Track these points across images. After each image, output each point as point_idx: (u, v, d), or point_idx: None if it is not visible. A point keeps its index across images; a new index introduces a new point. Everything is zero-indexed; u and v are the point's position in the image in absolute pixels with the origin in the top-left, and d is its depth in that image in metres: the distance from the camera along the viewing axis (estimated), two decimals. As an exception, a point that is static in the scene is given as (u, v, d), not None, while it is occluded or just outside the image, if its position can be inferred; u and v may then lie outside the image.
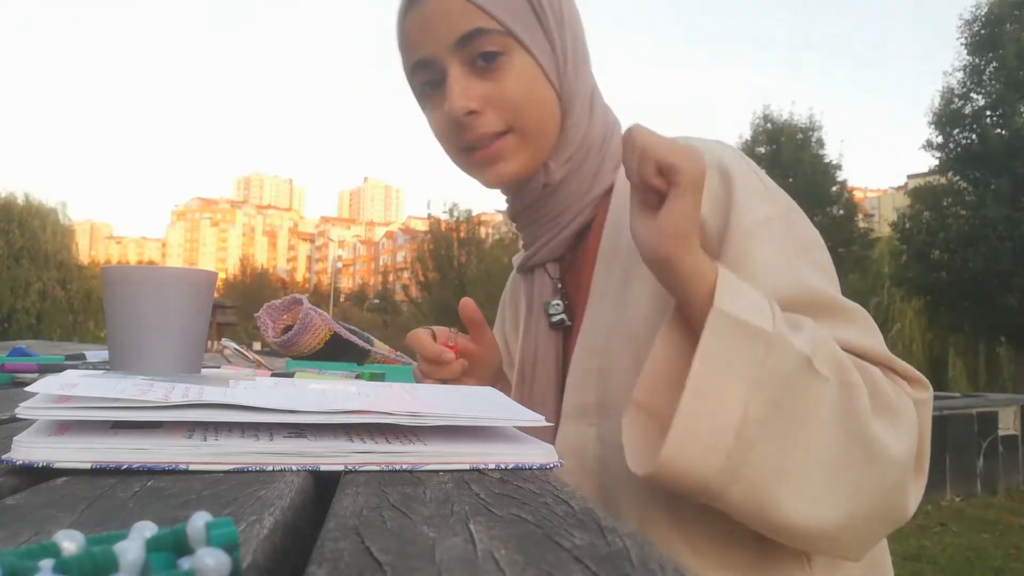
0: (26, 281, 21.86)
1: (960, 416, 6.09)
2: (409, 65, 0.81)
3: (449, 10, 0.75)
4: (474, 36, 0.74)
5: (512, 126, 0.77)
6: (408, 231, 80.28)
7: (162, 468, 0.39)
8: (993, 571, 4.05)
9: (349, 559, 0.25)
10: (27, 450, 0.38)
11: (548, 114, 0.78)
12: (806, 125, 18.56)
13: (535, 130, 0.78)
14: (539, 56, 0.77)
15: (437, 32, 0.76)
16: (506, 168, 0.78)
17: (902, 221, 15.69)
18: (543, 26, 0.77)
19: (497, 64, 0.75)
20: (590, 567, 0.25)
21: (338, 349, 1.14)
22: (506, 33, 0.75)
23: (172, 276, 0.69)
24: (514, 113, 0.76)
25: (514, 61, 0.76)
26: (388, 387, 0.62)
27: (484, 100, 0.76)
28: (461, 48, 0.75)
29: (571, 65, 0.79)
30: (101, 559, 0.21)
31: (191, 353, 0.70)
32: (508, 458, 0.45)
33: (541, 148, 0.79)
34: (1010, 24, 14.03)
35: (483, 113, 0.76)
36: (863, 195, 52.79)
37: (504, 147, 0.78)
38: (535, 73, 0.77)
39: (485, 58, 0.75)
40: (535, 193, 0.81)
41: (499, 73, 0.76)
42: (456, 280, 27.92)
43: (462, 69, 0.76)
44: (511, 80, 0.76)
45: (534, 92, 0.77)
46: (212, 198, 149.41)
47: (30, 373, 0.89)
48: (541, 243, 0.84)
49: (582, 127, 0.80)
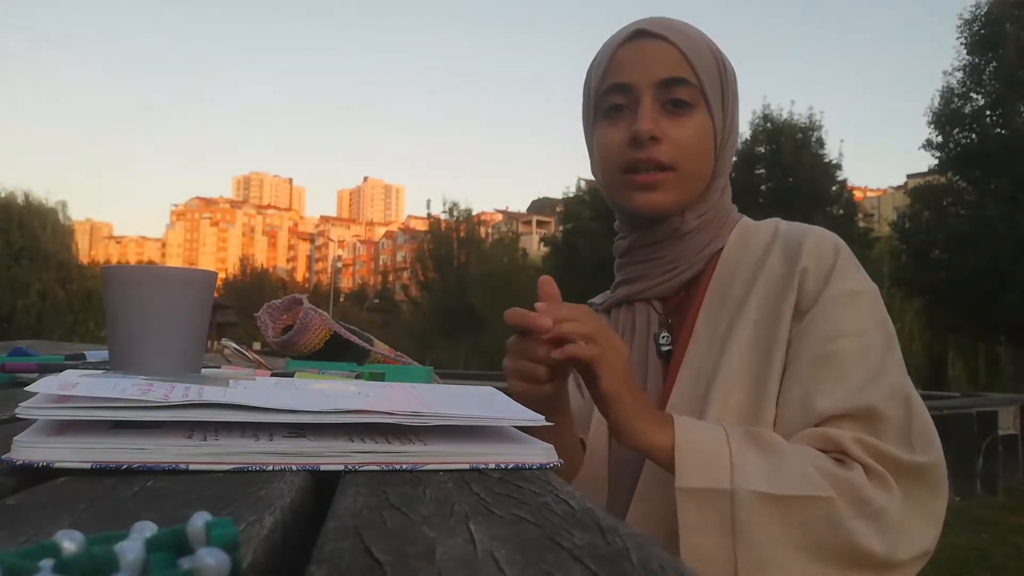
0: (26, 281, 21.87)
1: (960, 416, 6.10)
2: (606, 84, 0.90)
3: (666, 55, 0.87)
4: (677, 82, 0.86)
5: (677, 166, 0.87)
6: (408, 231, 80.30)
7: (162, 468, 0.39)
8: (993, 571, 4.05)
9: (349, 559, 0.25)
10: (27, 450, 0.38)
11: (705, 170, 0.90)
12: (806, 125, 18.54)
13: (693, 178, 0.89)
14: (715, 121, 0.89)
15: (648, 67, 0.87)
16: (658, 198, 0.88)
17: (902, 221, 15.70)
18: (724, 102, 0.90)
19: (684, 112, 0.87)
20: (590, 567, 0.25)
21: (338, 349, 1.14)
22: (700, 91, 0.87)
23: (172, 276, 0.69)
24: (684, 156, 0.87)
25: (698, 116, 0.87)
26: (388, 387, 0.62)
27: (665, 134, 0.86)
28: (662, 88, 0.86)
29: (729, 141, 0.92)
30: (101, 559, 0.21)
31: (191, 353, 0.70)
32: (508, 458, 0.45)
33: (688, 196, 0.89)
34: (1010, 24, 14.04)
35: (661, 143, 0.86)
36: (863, 195, 52.75)
37: (664, 180, 0.87)
38: (708, 132, 0.89)
39: (676, 103, 0.86)
40: (664, 234, 0.92)
41: (684, 119, 0.87)
42: (456, 280, 27.92)
43: (654, 104, 0.87)
44: (691, 129, 0.87)
45: (703, 146, 0.88)
46: (212, 198, 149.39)
47: (30, 373, 0.89)
48: (652, 281, 0.94)
49: (718, 193, 0.93)
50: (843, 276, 0.82)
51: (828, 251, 0.84)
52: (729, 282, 0.89)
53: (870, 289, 0.84)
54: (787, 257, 0.86)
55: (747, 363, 0.82)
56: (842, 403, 0.75)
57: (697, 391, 0.84)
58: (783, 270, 0.85)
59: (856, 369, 0.77)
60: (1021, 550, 4.43)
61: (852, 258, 0.86)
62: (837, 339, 0.79)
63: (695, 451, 0.72)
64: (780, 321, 0.82)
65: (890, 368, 0.78)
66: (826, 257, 0.84)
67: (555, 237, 23.84)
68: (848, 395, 0.76)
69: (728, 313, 0.87)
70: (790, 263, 0.85)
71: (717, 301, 0.89)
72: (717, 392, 0.81)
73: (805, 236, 0.86)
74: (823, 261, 0.83)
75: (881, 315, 0.83)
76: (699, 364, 0.86)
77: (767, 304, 0.84)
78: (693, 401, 0.84)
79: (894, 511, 0.71)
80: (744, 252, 0.91)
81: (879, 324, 0.82)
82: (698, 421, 0.77)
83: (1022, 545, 4.55)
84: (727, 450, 0.71)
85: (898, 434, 0.75)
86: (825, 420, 0.76)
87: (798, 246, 0.85)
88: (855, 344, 0.79)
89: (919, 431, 0.76)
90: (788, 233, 0.89)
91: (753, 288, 0.86)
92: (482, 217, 33.76)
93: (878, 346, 0.80)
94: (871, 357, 0.78)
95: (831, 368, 0.78)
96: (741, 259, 0.91)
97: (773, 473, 0.70)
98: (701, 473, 0.70)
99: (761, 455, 0.72)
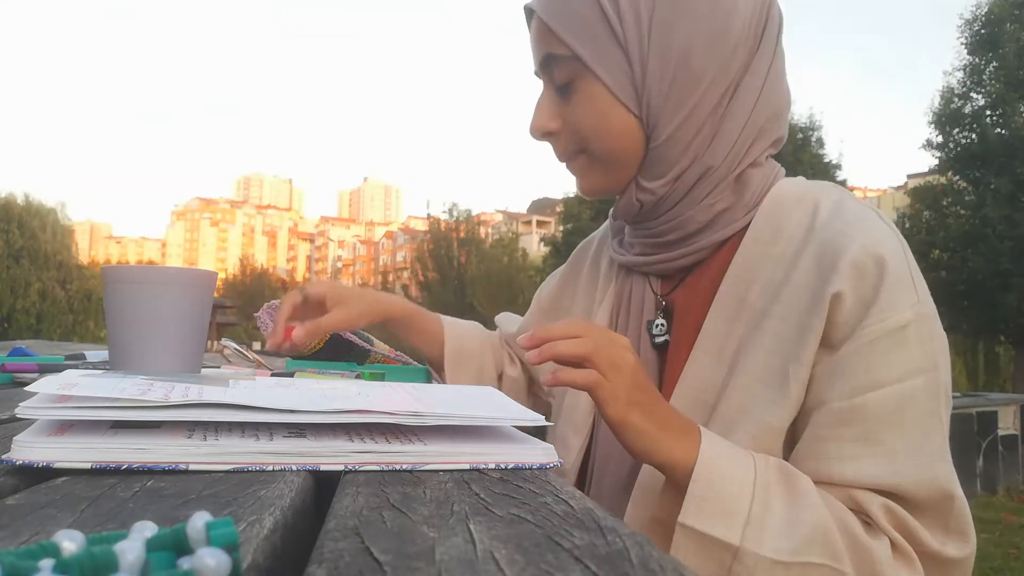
0: (26, 281, 21.85)
1: (960, 416, 6.09)
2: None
3: (536, 32, 0.77)
4: (549, 62, 0.76)
5: (583, 149, 0.79)
6: (408, 231, 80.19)
7: (162, 468, 0.39)
8: (993, 571, 4.05)
9: (349, 559, 0.25)
10: (27, 450, 0.38)
11: (620, 137, 0.76)
12: (806, 125, 18.52)
13: (605, 155, 0.78)
14: (610, 81, 0.73)
15: (533, 52, 0.79)
16: (583, 183, 0.82)
17: (902, 221, 15.68)
18: (619, 39, 0.72)
19: (571, 90, 0.76)
20: (590, 567, 0.25)
21: (338, 349, 1.14)
22: (575, 58, 0.74)
23: (172, 276, 0.69)
24: (583, 140, 0.78)
25: (585, 87, 0.75)
26: (388, 387, 0.62)
27: (564, 121, 0.78)
28: (544, 72, 0.78)
29: (657, 79, 0.73)
30: (101, 559, 0.21)
31: (191, 353, 0.70)
32: (508, 458, 0.45)
33: (617, 169, 0.79)
34: (1010, 24, 14.03)
35: (560, 135, 0.79)
36: (863, 195, 52.77)
37: (577, 165, 0.81)
38: (602, 99, 0.75)
39: (561, 87, 0.77)
40: (631, 209, 0.81)
41: (573, 98, 0.77)
42: (456, 280, 27.91)
43: (549, 90, 0.79)
44: (580, 107, 0.76)
45: (600, 120, 0.76)
46: (212, 198, 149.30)
47: (30, 373, 0.89)
48: (651, 257, 0.82)
49: (679, 146, 0.74)
50: (887, 308, 0.66)
51: (870, 272, 0.66)
52: (749, 282, 0.74)
53: (920, 316, 0.67)
54: (820, 269, 0.69)
55: (755, 401, 0.69)
56: (869, 478, 0.64)
57: (697, 419, 0.72)
58: (813, 285, 0.69)
59: (889, 434, 0.65)
60: (1021, 550, 4.43)
61: (904, 276, 0.68)
62: (869, 390, 0.65)
63: (713, 488, 0.61)
64: (801, 353, 0.67)
65: (933, 440, 0.66)
66: (867, 281, 0.66)
67: (555, 237, 23.82)
68: (877, 469, 0.64)
69: (743, 323, 0.73)
70: (823, 279, 0.68)
71: (732, 303, 0.74)
72: (716, 428, 0.70)
73: (846, 246, 0.68)
74: (862, 286, 0.66)
75: (929, 353, 0.67)
76: (702, 385, 0.74)
77: (788, 328, 0.69)
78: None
79: None
80: (773, 243, 0.74)
81: (925, 367, 0.66)
82: (726, 444, 0.65)
83: (1022, 545, 4.55)
84: (749, 496, 0.62)
85: (933, 520, 0.66)
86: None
87: (835, 258, 0.68)
88: (891, 398, 0.65)
89: (957, 519, 0.66)
90: (827, 235, 0.70)
91: (776, 301, 0.71)
92: (482, 217, 33.75)
93: (921, 403, 0.66)
94: (910, 419, 0.65)
95: (857, 427, 0.65)
96: (768, 252, 0.74)
97: (789, 527, 0.61)
98: (711, 517, 0.61)
99: (784, 504, 0.62)
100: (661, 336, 0.81)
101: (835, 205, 0.74)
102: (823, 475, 0.66)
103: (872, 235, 0.69)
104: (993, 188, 13.80)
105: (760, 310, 0.72)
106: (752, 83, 0.74)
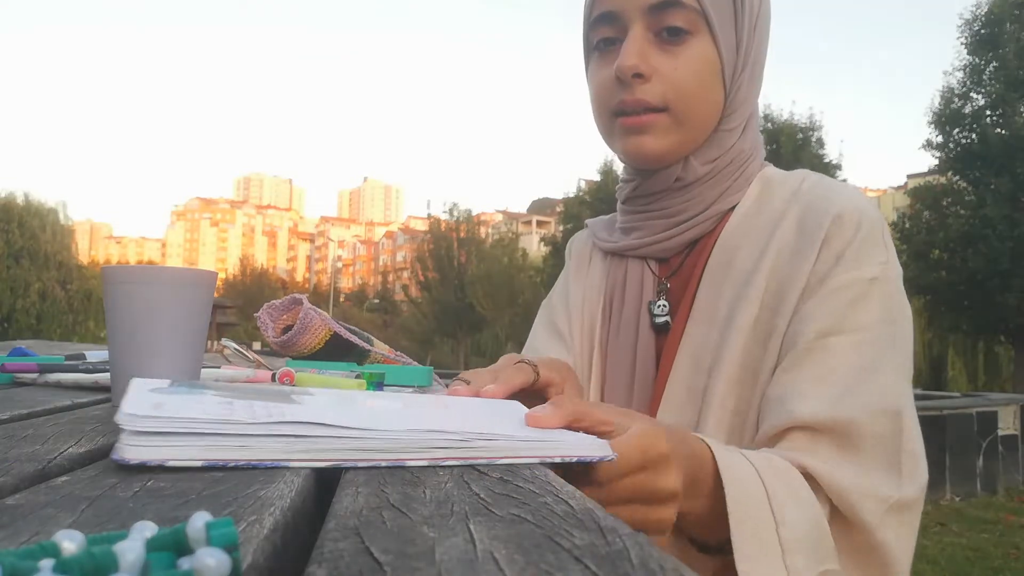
0: (26, 281, 21.86)
1: (960, 416, 6.09)
2: (592, 16, 0.79)
3: None
4: (669, 6, 0.73)
5: (670, 106, 0.75)
6: (408, 231, 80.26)
7: (266, 465, 0.40)
8: (993, 571, 4.05)
9: (349, 559, 0.25)
10: (136, 450, 0.39)
11: (709, 110, 0.77)
12: (806, 125, 18.55)
13: (691, 120, 0.76)
14: (723, 50, 0.75)
15: None
16: (648, 143, 0.77)
17: (902, 221, 15.69)
18: (737, 24, 0.76)
19: (681, 40, 0.74)
20: (590, 567, 0.25)
21: (338, 349, 1.14)
22: (701, 14, 0.74)
23: (172, 276, 0.69)
24: (678, 95, 0.75)
25: (698, 45, 0.74)
26: (423, 402, 0.60)
27: (654, 70, 0.74)
28: (652, 14, 0.74)
29: (748, 73, 0.78)
30: (101, 559, 0.21)
31: (191, 353, 0.70)
32: (571, 452, 0.46)
33: (689, 139, 0.78)
34: (1010, 24, 14.04)
35: (649, 80, 0.75)
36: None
37: (654, 122, 0.76)
38: (713, 64, 0.75)
39: (671, 32, 0.74)
40: (665, 183, 0.80)
41: (680, 50, 0.74)
42: (456, 280, 27.91)
43: (645, 34, 0.75)
44: (689, 62, 0.74)
45: (704, 83, 0.75)
46: (212, 198, 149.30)
47: (30, 373, 0.89)
48: (651, 237, 0.82)
49: (735, 136, 0.80)
50: (857, 259, 0.70)
51: (848, 227, 0.71)
52: (735, 249, 0.77)
53: (886, 275, 0.71)
54: (803, 228, 0.73)
55: (750, 357, 0.72)
56: (818, 412, 0.65)
57: (696, 384, 0.75)
58: (797, 243, 0.73)
59: (842, 372, 0.67)
60: (1021, 550, 4.43)
61: (875, 235, 0.72)
62: (831, 335, 0.68)
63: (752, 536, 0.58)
64: (783, 306, 0.71)
65: (883, 373, 0.67)
66: (844, 235, 0.71)
67: (555, 237, 23.85)
68: (826, 404, 0.66)
69: (731, 287, 0.75)
70: (807, 237, 0.72)
71: (720, 271, 0.77)
72: (717, 390, 0.72)
73: (828, 204, 0.73)
74: (839, 239, 0.71)
75: (891, 308, 0.70)
76: (699, 351, 0.76)
77: (774, 284, 0.73)
78: (691, 396, 0.75)
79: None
80: (758, 212, 0.78)
81: (885, 320, 0.69)
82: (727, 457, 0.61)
83: (1022, 545, 4.55)
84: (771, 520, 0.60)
85: (881, 457, 0.66)
86: (799, 427, 0.66)
87: (819, 215, 0.72)
88: (849, 342, 0.68)
89: (908, 454, 0.67)
90: (811, 197, 0.75)
91: (762, 261, 0.74)
92: (482, 217, 33.74)
93: (877, 345, 0.68)
94: (864, 359, 0.67)
95: (815, 367, 0.67)
96: (753, 221, 0.78)
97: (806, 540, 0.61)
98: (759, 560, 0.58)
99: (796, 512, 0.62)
100: (663, 316, 0.81)
101: (818, 178, 0.79)
102: (782, 413, 0.67)
103: (853, 198, 0.74)
104: (993, 188, 13.80)
105: (747, 271, 0.75)
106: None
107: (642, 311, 0.82)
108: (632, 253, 0.85)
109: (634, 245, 0.84)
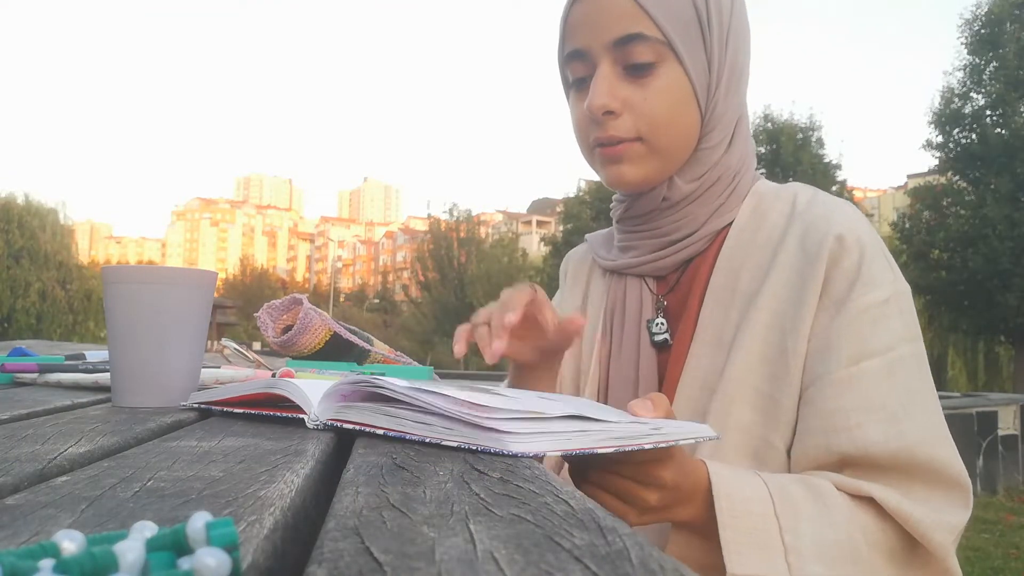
0: (26, 281, 21.86)
1: (960, 416, 6.09)
2: (564, 53, 0.80)
3: (615, 8, 0.74)
4: (633, 40, 0.74)
5: (644, 136, 0.77)
6: (408, 231, 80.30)
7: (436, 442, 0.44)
8: (993, 571, 4.05)
9: (349, 559, 0.25)
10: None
11: (684, 133, 0.78)
12: (806, 125, 18.55)
13: (667, 146, 0.77)
14: (693, 74, 0.76)
15: (598, 27, 0.75)
16: (627, 171, 0.78)
17: (902, 221, 15.70)
18: (706, 44, 0.77)
19: (648, 73, 0.75)
20: (590, 567, 0.25)
21: (338, 349, 1.14)
22: (666, 44, 0.75)
23: (172, 276, 0.69)
24: (650, 126, 0.76)
25: (667, 74, 0.75)
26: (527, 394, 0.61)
27: (624, 103, 0.76)
28: (617, 49, 0.75)
29: (723, 89, 0.79)
30: (101, 559, 0.21)
31: (191, 353, 0.70)
32: (676, 436, 0.50)
33: (669, 163, 0.79)
34: (1010, 24, 14.04)
35: (620, 116, 0.76)
36: (863, 195, 52.79)
37: (629, 151, 0.77)
38: (683, 90, 0.76)
39: (637, 67, 0.75)
40: (653, 204, 0.82)
41: (648, 81, 0.75)
42: (456, 280, 27.93)
43: (613, 68, 0.76)
44: (658, 93, 0.75)
45: (675, 110, 0.76)
46: (212, 198, 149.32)
47: (30, 373, 0.89)
48: (645, 256, 0.83)
49: (718, 152, 0.80)
50: (869, 283, 0.71)
51: (853, 250, 0.72)
52: (738, 269, 0.78)
53: (897, 292, 0.73)
54: (806, 248, 0.74)
55: (755, 376, 0.73)
56: (874, 445, 0.67)
57: (702, 405, 0.75)
58: (800, 264, 0.74)
59: (887, 401, 0.68)
60: (1021, 550, 4.43)
61: (879, 254, 0.74)
62: (862, 359, 0.69)
63: (747, 539, 0.61)
64: (797, 328, 0.72)
65: (923, 395, 0.71)
66: (851, 258, 0.72)
67: (555, 237, 23.84)
68: (880, 435, 0.67)
69: (737, 309, 0.76)
70: (810, 257, 0.73)
71: (725, 293, 0.78)
72: (717, 405, 0.73)
73: (829, 225, 0.74)
74: (847, 263, 0.72)
75: (910, 324, 0.73)
76: (704, 372, 0.76)
77: (781, 304, 0.73)
78: (696, 418, 0.75)
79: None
80: (757, 231, 0.79)
81: (907, 338, 0.71)
82: (729, 473, 0.64)
83: (1022, 545, 4.55)
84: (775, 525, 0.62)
85: (942, 485, 0.69)
86: (857, 459, 0.68)
87: (820, 237, 0.73)
88: (882, 365, 0.69)
89: (959, 476, 0.69)
90: (810, 217, 0.76)
91: (766, 281, 0.75)
92: (482, 217, 33.74)
93: (908, 364, 0.70)
94: (901, 382, 0.69)
95: (857, 396, 0.68)
96: (753, 240, 0.78)
97: (820, 548, 0.63)
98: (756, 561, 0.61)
99: (812, 525, 0.63)
100: (661, 334, 0.82)
101: (812, 195, 0.80)
102: (834, 450, 0.68)
103: (850, 218, 0.75)
104: (993, 188, 13.80)
105: (751, 292, 0.76)
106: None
107: (641, 329, 0.83)
108: (629, 272, 0.86)
109: (631, 264, 0.85)
